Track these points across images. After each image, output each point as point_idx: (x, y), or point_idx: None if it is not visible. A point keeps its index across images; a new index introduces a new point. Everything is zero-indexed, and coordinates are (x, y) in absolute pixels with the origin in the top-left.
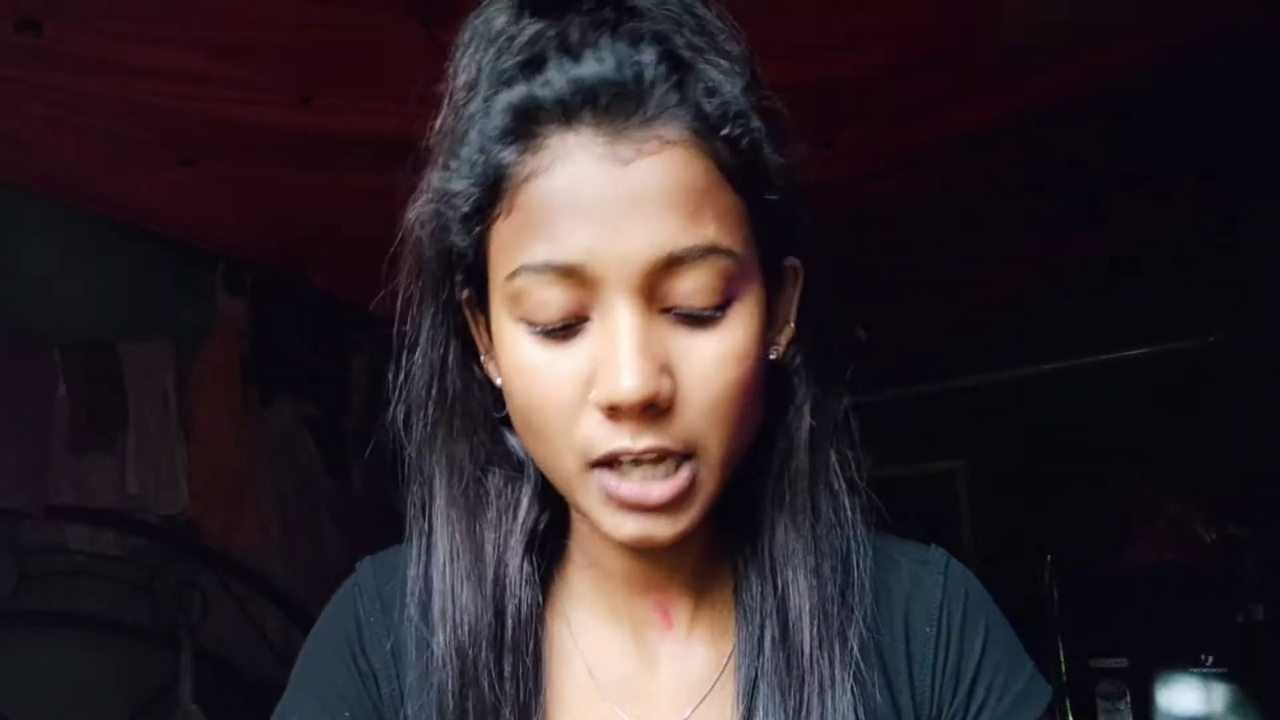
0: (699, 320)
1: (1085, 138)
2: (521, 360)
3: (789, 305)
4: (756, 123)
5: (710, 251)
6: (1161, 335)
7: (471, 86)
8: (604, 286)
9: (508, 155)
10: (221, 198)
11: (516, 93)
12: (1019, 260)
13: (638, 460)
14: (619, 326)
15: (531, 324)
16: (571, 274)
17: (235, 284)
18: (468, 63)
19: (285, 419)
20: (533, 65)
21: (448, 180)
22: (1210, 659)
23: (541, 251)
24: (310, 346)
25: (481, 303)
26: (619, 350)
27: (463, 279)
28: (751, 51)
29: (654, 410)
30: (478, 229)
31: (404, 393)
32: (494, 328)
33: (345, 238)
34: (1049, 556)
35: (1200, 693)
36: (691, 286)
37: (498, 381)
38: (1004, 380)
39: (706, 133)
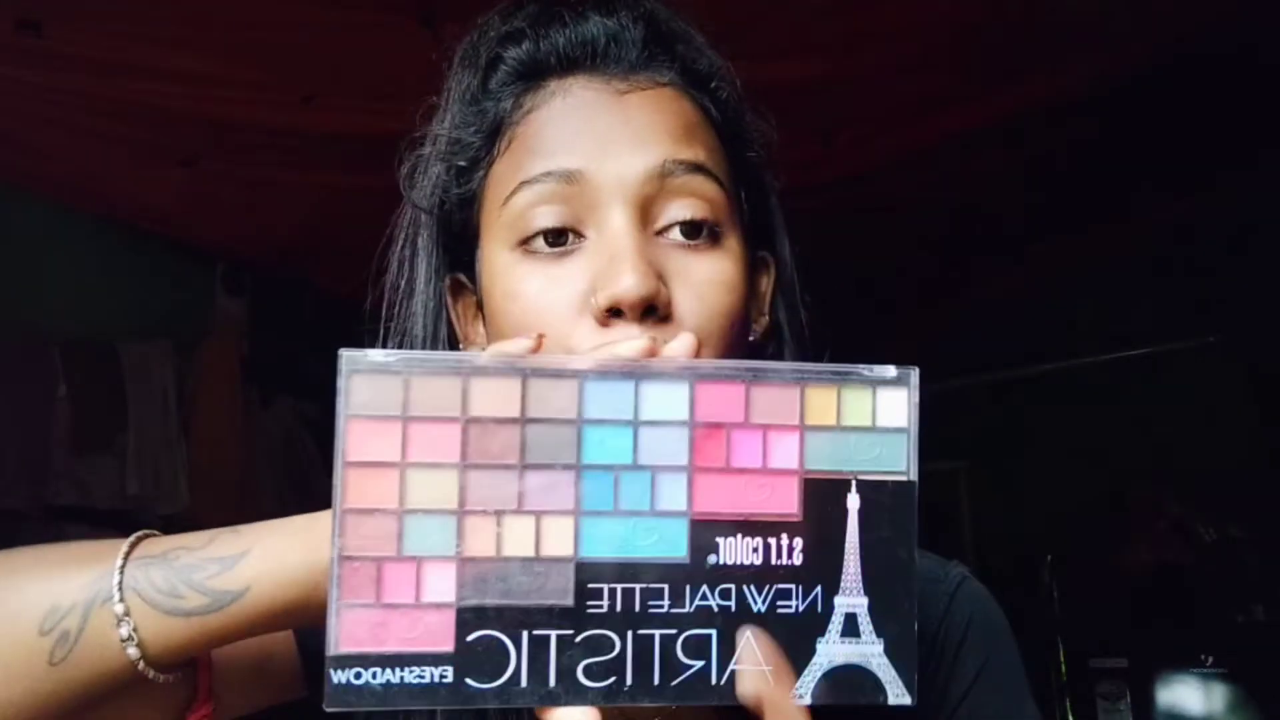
0: (692, 243)
1: (1085, 138)
2: (518, 284)
3: (763, 298)
4: (736, 90)
5: (699, 169)
6: (1161, 335)
7: (470, 60)
8: (601, 199)
9: (507, 102)
10: (221, 198)
11: (518, 49)
12: (1018, 260)
13: None
14: (617, 233)
15: (528, 243)
16: (570, 181)
17: (235, 284)
18: (468, 45)
19: (285, 419)
20: (534, 27)
21: (448, 135)
22: (1210, 659)
23: (540, 165)
24: (310, 346)
25: (470, 274)
26: (619, 253)
27: (450, 259)
28: (728, 63)
29: (654, 315)
30: (476, 175)
31: None
32: (486, 276)
33: (345, 238)
34: (1049, 556)
35: (1200, 693)
36: (683, 202)
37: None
38: (1004, 380)
39: (692, 83)
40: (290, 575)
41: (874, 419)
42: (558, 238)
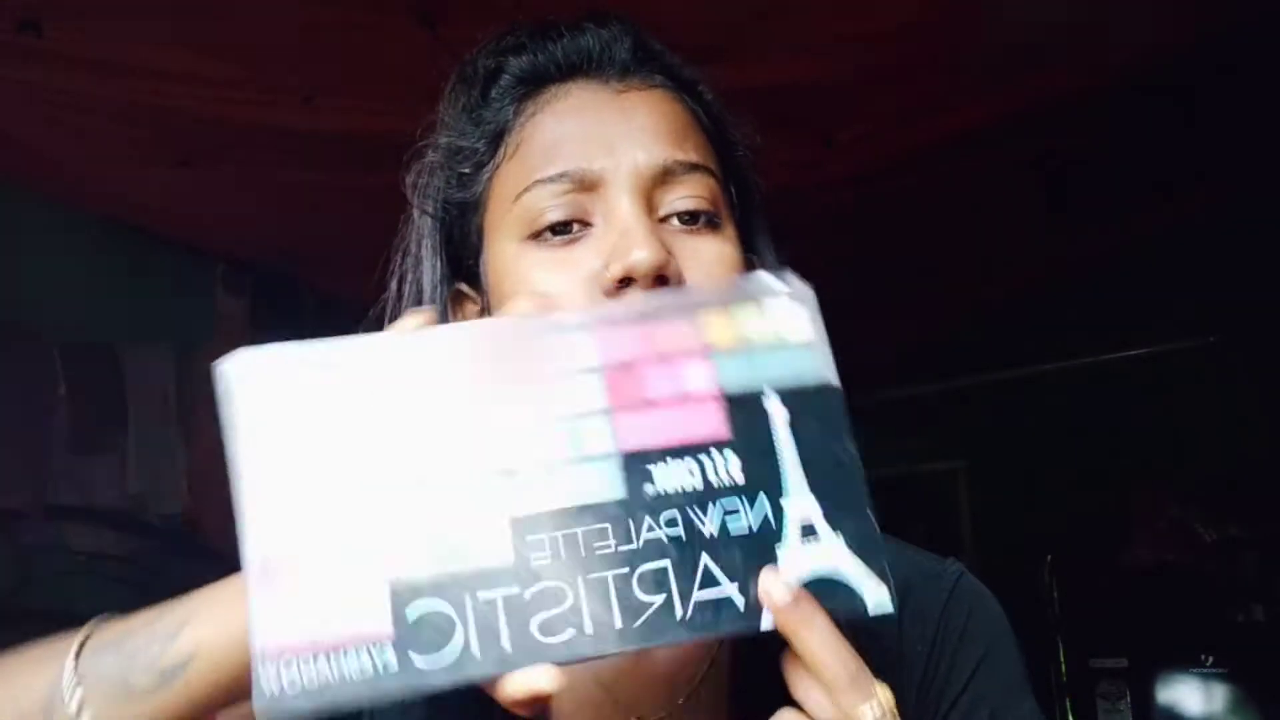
0: (695, 227)
1: (1085, 138)
2: (528, 271)
3: None
4: (718, 98)
5: (697, 168)
6: (1161, 335)
7: (470, 74)
8: (608, 191)
9: (509, 110)
10: (221, 198)
11: (519, 61)
12: (1019, 260)
13: None
14: (626, 214)
15: (538, 231)
16: (582, 180)
17: (235, 284)
18: (467, 62)
19: None
20: (533, 40)
21: (451, 144)
22: (1210, 659)
23: (553, 166)
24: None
25: (473, 282)
26: (629, 229)
27: (453, 268)
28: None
29: (665, 286)
30: (480, 181)
31: None
32: (495, 271)
33: (345, 238)
34: (1049, 556)
35: (1200, 693)
36: (684, 195)
37: None
38: (1004, 380)
39: (681, 88)
40: (231, 636)
41: (779, 335)
42: (565, 228)
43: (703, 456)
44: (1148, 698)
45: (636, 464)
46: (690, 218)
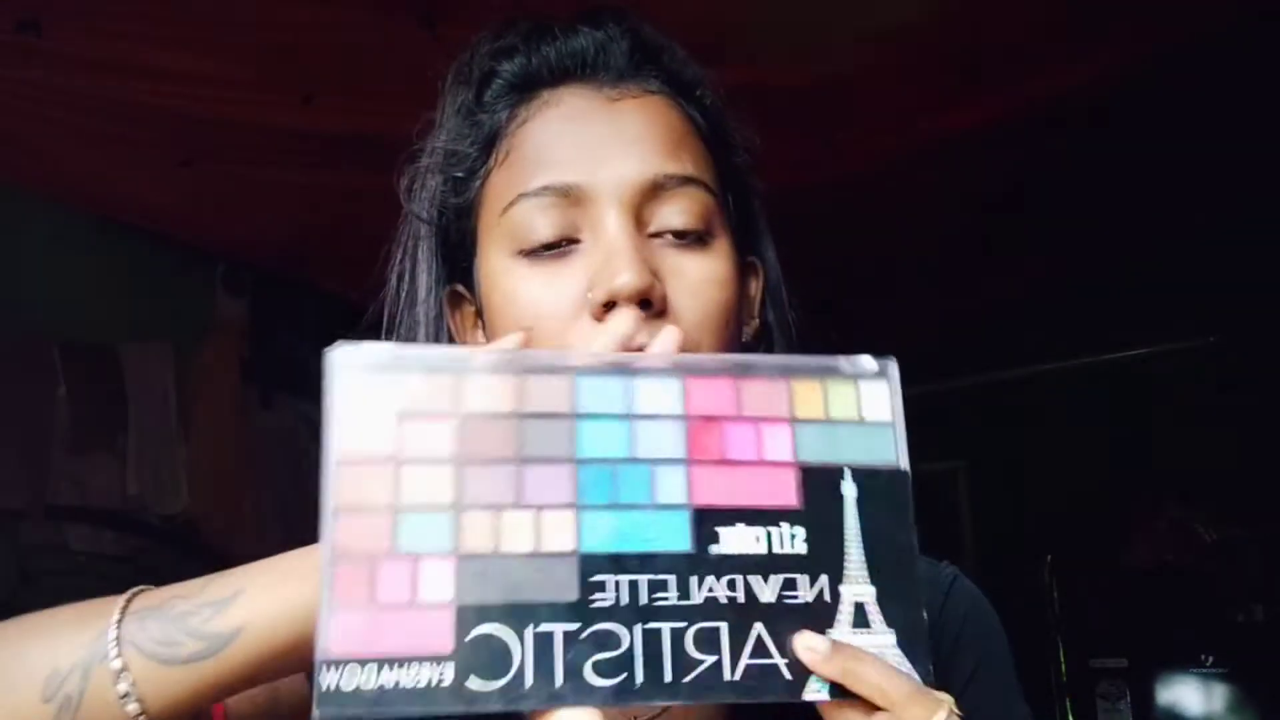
0: (684, 243)
1: (1084, 137)
2: (516, 287)
3: (753, 301)
4: (719, 98)
5: (690, 181)
6: (1161, 335)
7: (464, 76)
8: (596, 206)
9: (502, 114)
10: (221, 198)
11: (511, 64)
12: (1018, 260)
13: None
14: (613, 233)
15: (527, 249)
16: (567, 194)
17: (235, 284)
18: (461, 62)
19: (285, 419)
20: (526, 42)
21: (445, 147)
22: (1210, 659)
23: (538, 178)
24: (310, 346)
25: (468, 283)
26: (614, 251)
27: (449, 270)
28: (709, 73)
29: (649, 309)
30: (473, 186)
31: None
32: (485, 282)
33: (345, 238)
34: (1049, 556)
35: (1200, 693)
36: (675, 210)
37: None
38: (1004, 380)
39: (679, 92)
40: (284, 612)
41: (860, 413)
42: (554, 244)
43: (771, 526)
44: (1148, 698)
45: (707, 521)
46: (680, 234)
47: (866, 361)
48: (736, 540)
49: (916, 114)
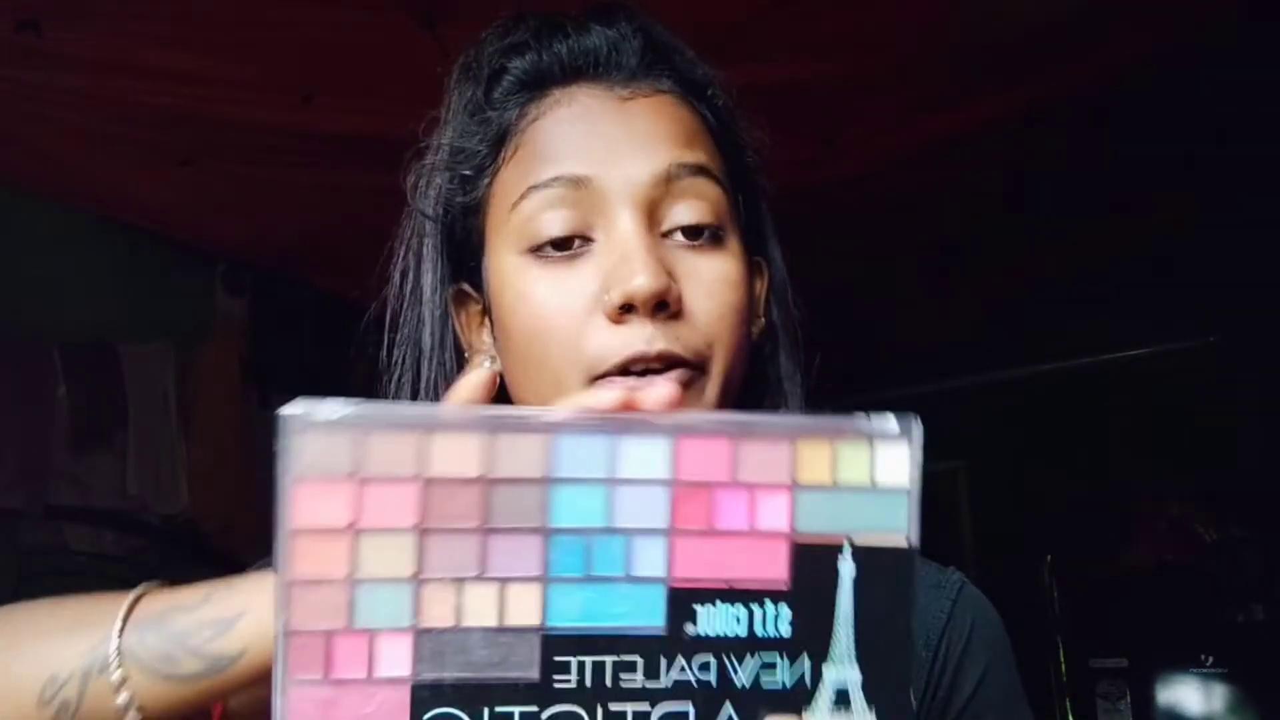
0: (698, 243)
1: (1084, 137)
2: (528, 288)
3: (759, 300)
4: (730, 98)
5: (702, 171)
6: (1161, 335)
7: (472, 72)
8: (608, 203)
9: (512, 111)
10: (221, 198)
11: (522, 60)
12: (1018, 260)
13: (647, 371)
14: (627, 233)
15: (537, 246)
16: (578, 187)
17: (235, 284)
18: (469, 57)
19: None
20: (537, 38)
21: (452, 144)
22: (1210, 659)
23: (549, 170)
24: (310, 347)
25: (475, 283)
26: (629, 252)
27: (454, 268)
28: (719, 73)
29: (665, 311)
30: (481, 184)
31: (397, 385)
32: (495, 281)
33: (345, 238)
34: (1049, 556)
35: (1200, 693)
36: (687, 204)
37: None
38: (1004, 380)
39: (689, 91)
40: None
41: (872, 477)
42: (565, 243)
43: (754, 605)
44: (1148, 698)
45: (684, 599)
46: (694, 232)
47: (886, 420)
48: (714, 620)
49: (916, 114)
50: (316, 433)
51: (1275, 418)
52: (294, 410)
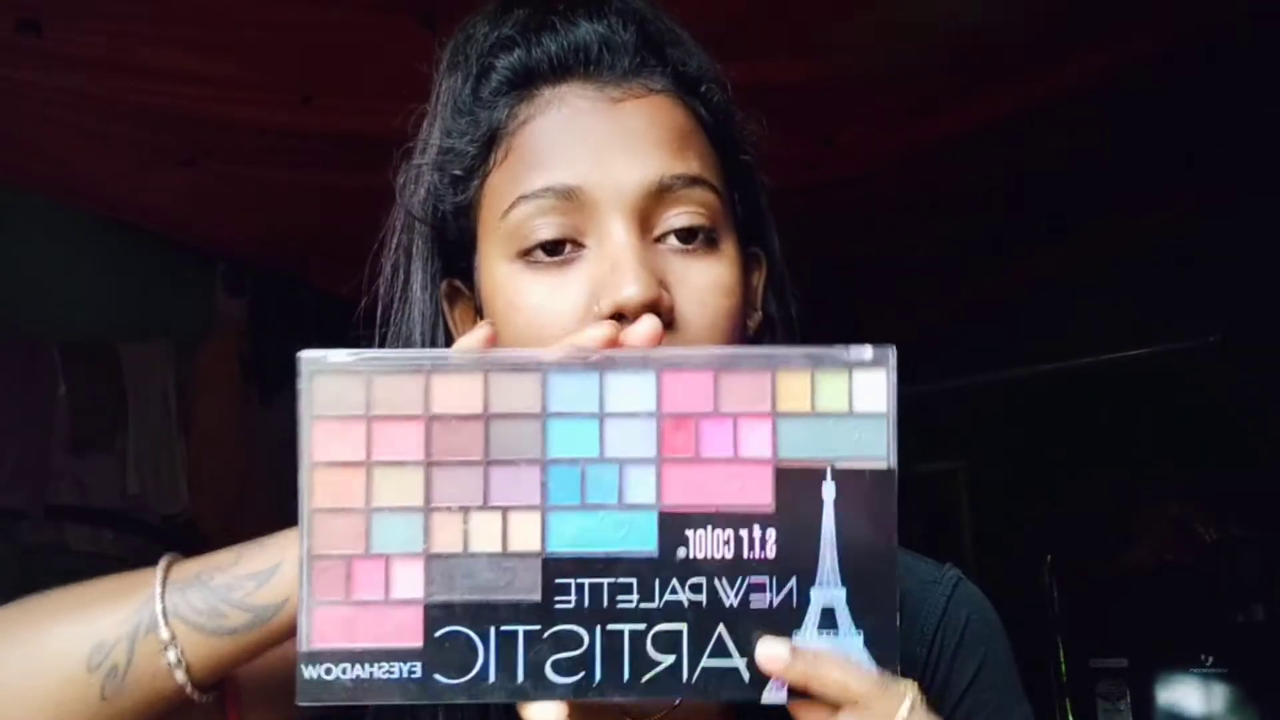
0: (690, 248)
1: (1084, 137)
2: (520, 295)
3: (756, 293)
4: (726, 91)
5: (696, 182)
6: (1161, 335)
7: (461, 65)
8: (599, 211)
9: (501, 111)
10: (221, 198)
11: (510, 57)
12: (1019, 260)
13: None
14: (618, 242)
15: (529, 254)
16: (569, 197)
17: (235, 284)
18: (457, 48)
19: (285, 419)
20: (525, 34)
21: (441, 143)
22: (1210, 659)
23: (539, 179)
24: (310, 346)
25: (466, 280)
26: (620, 261)
27: (445, 265)
28: (716, 64)
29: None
30: (471, 185)
31: None
32: (486, 285)
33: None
34: (1049, 556)
35: (1200, 693)
36: (680, 212)
37: None
38: (1004, 380)
39: (684, 88)
40: None
41: (850, 403)
42: (557, 248)
43: (742, 528)
44: (1148, 698)
45: (675, 524)
46: (688, 235)
47: (862, 350)
48: (704, 544)
49: (916, 114)
50: (332, 375)
51: (1276, 418)
52: (310, 354)
